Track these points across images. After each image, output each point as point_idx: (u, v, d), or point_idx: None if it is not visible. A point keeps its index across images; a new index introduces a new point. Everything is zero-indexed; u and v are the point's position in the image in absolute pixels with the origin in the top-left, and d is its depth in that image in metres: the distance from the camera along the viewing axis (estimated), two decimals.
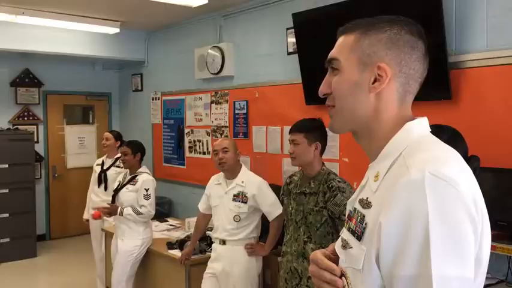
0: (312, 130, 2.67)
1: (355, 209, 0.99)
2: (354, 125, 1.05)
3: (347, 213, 1.05)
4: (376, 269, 0.89)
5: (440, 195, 0.83)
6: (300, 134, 2.64)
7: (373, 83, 1.00)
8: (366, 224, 0.93)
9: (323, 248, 2.46)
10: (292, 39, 4.21)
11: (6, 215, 5.94)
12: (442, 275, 0.81)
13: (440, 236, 0.82)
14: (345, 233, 1.02)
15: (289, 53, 4.31)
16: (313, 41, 3.90)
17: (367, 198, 0.96)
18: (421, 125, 1.00)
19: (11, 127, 6.44)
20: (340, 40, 1.08)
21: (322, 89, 1.08)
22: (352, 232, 0.97)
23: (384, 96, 1.00)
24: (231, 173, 3.38)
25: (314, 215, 2.56)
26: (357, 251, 0.94)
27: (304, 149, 2.62)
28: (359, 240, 0.94)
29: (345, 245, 0.99)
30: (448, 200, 0.84)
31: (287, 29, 4.27)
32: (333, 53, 1.08)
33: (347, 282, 0.97)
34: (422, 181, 0.84)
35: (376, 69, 0.99)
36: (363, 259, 0.91)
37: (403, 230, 0.84)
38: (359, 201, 0.99)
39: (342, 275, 1.00)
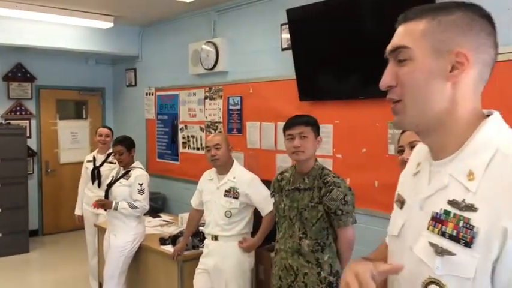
0: (317, 124, 2.67)
1: (447, 212, 0.91)
2: (426, 118, 0.96)
3: (428, 214, 0.96)
4: (489, 277, 0.84)
5: None
6: (308, 127, 2.60)
7: (451, 71, 0.93)
8: (476, 228, 0.85)
9: (318, 243, 2.48)
10: (286, 35, 4.21)
11: None
12: None
13: None
14: (433, 238, 0.93)
15: (283, 49, 4.31)
16: (307, 37, 3.90)
17: (464, 200, 0.89)
18: (501, 118, 0.95)
19: (3, 122, 6.39)
20: (403, 28, 0.99)
21: (386, 81, 0.99)
22: (453, 237, 0.89)
23: (462, 85, 0.93)
24: (223, 168, 3.38)
25: (309, 210, 2.55)
26: (464, 258, 0.87)
27: (312, 142, 2.60)
28: (468, 247, 0.86)
29: (442, 252, 0.90)
30: None
31: (281, 24, 4.26)
32: (398, 41, 0.98)
33: None
34: None
35: (454, 56, 0.92)
36: (476, 267, 0.85)
37: None
38: (450, 203, 0.91)
39: (432, 282, 0.92)
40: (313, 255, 2.54)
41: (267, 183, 3.41)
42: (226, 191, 3.31)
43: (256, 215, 3.41)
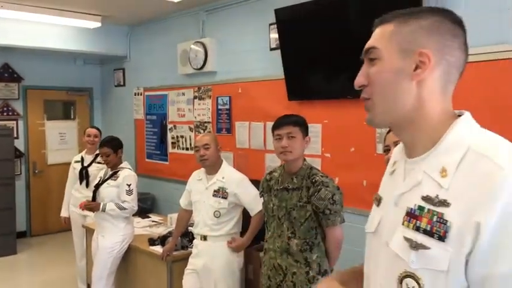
0: (305, 124, 2.68)
1: (421, 207, 0.94)
2: (395, 115, 1.01)
3: (402, 210, 0.99)
4: (463, 270, 0.87)
5: None
6: (296, 128, 2.61)
7: (414, 70, 0.97)
8: (449, 223, 0.89)
9: (307, 243, 2.49)
10: (274, 35, 4.21)
11: None
12: None
13: None
14: (408, 233, 0.96)
15: (271, 49, 4.31)
16: (296, 36, 3.90)
17: (438, 195, 0.92)
18: (472, 118, 1.00)
19: None
20: (378, 30, 1.05)
21: (359, 80, 1.04)
22: (427, 232, 0.92)
23: (427, 84, 0.98)
24: (212, 168, 3.38)
25: (298, 210, 2.55)
26: (438, 252, 0.90)
27: (300, 142, 2.60)
28: (442, 241, 0.89)
29: (416, 246, 0.93)
30: None
31: (270, 24, 4.27)
32: (370, 43, 1.04)
33: (418, 284, 0.93)
34: None
35: (417, 55, 0.97)
36: (449, 260, 0.88)
37: (504, 229, 0.83)
38: (424, 199, 0.94)
39: (408, 276, 0.95)
40: (301, 255, 2.54)
41: (256, 183, 3.41)
42: (215, 191, 3.31)
43: (245, 215, 3.41)
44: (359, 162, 3.61)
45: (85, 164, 4.78)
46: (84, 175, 4.75)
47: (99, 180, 4.02)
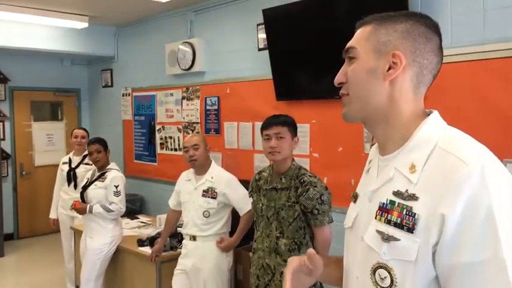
0: (294, 124, 2.69)
1: (392, 201, 1.00)
2: (368, 112, 1.07)
3: (375, 205, 1.04)
4: (430, 260, 0.92)
5: (499, 184, 0.89)
6: (285, 128, 2.62)
7: (387, 71, 1.03)
8: (417, 215, 0.94)
9: (295, 242, 2.51)
10: (262, 35, 4.22)
11: None
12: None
13: (504, 222, 0.86)
14: (380, 226, 1.01)
15: (260, 49, 4.32)
16: (284, 36, 3.92)
17: (407, 190, 0.98)
18: (440, 116, 1.06)
19: None
20: (358, 32, 1.11)
21: (338, 78, 1.11)
22: (397, 225, 0.98)
23: (398, 84, 1.03)
24: (201, 169, 3.38)
25: (286, 210, 2.56)
26: (407, 243, 0.95)
27: (289, 142, 2.61)
28: (411, 232, 0.94)
29: (388, 238, 0.99)
30: (505, 188, 0.90)
31: (257, 24, 4.28)
32: (350, 43, 1.11)
33: (389, 275, 0.98)
34: (482, 172, 0.88)
35: (390, 56, 1.03)
36: (417, 250, 0.93)
37: (468, 220, 0.87)
38: (395, 194, 1.00)
39: (380, 266, 1.00)
40: (290, 254, 2.55)
41: (245, 183, 3.42)
42: (204, 191, 3.31)
43: (234, 214, 3.41)
44: (347, 162, 3.63)
45: (73, 166, 4.75)
46: (72, 177, 4.72)
47: (86, 182, 4.00)
